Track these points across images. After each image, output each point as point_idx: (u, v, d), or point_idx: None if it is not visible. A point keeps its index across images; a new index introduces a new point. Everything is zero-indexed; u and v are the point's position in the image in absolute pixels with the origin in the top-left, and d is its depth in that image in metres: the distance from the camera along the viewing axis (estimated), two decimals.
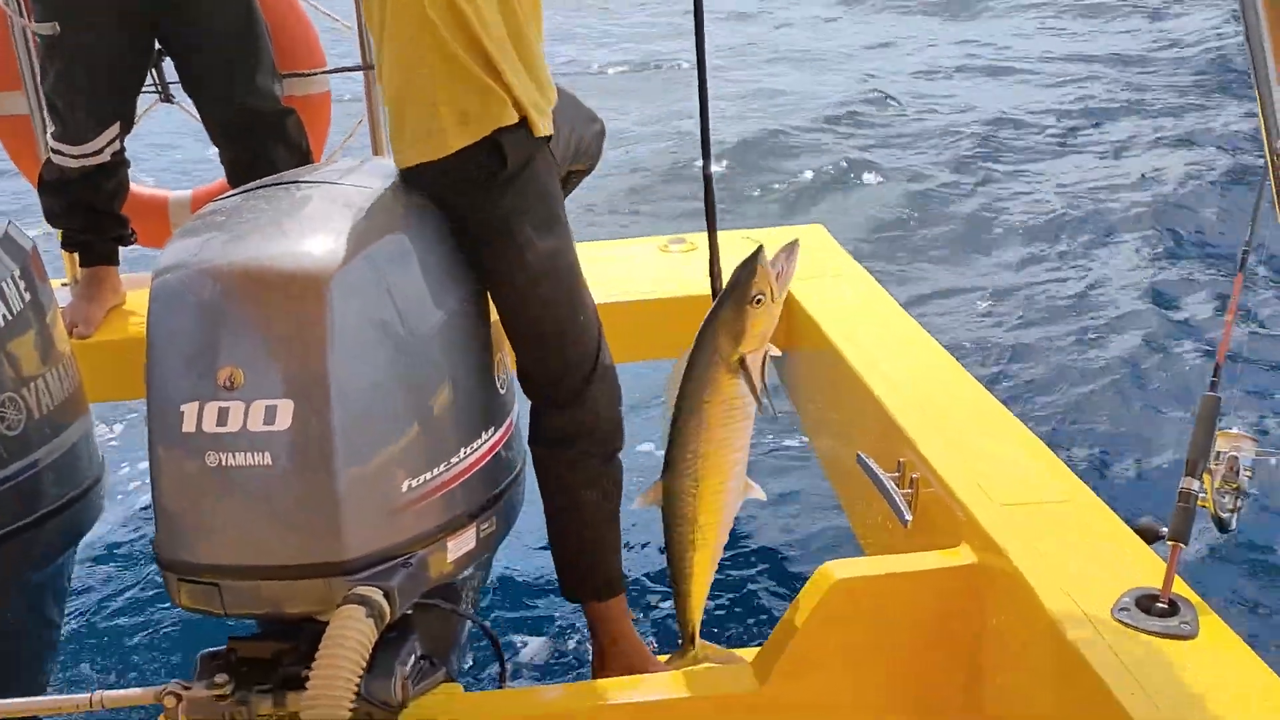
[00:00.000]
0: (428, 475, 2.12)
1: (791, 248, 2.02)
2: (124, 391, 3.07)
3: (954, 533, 2.22)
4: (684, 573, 2.13)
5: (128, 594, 3.20)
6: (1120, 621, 1.85)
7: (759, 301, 1.94)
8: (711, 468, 2.05)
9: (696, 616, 2.18)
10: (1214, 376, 1.91)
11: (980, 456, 2.36)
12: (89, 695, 2.00)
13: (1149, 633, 1.82)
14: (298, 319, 2.00)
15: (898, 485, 2.46)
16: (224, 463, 2.00)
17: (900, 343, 2.99)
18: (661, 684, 2.17)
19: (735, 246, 3.78)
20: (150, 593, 3.19)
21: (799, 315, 3.28)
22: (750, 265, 1.96)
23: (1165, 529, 1.94)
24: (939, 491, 2.32)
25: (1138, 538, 2.06)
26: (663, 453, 2.10)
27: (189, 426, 2.01)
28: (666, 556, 2.16)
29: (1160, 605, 1.86)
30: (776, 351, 2.04)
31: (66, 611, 2.76)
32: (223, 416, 2.00)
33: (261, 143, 3.11)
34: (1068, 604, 1.91)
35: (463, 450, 2.20)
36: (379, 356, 2.05)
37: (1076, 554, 2.05)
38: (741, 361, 1.97)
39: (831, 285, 3.40)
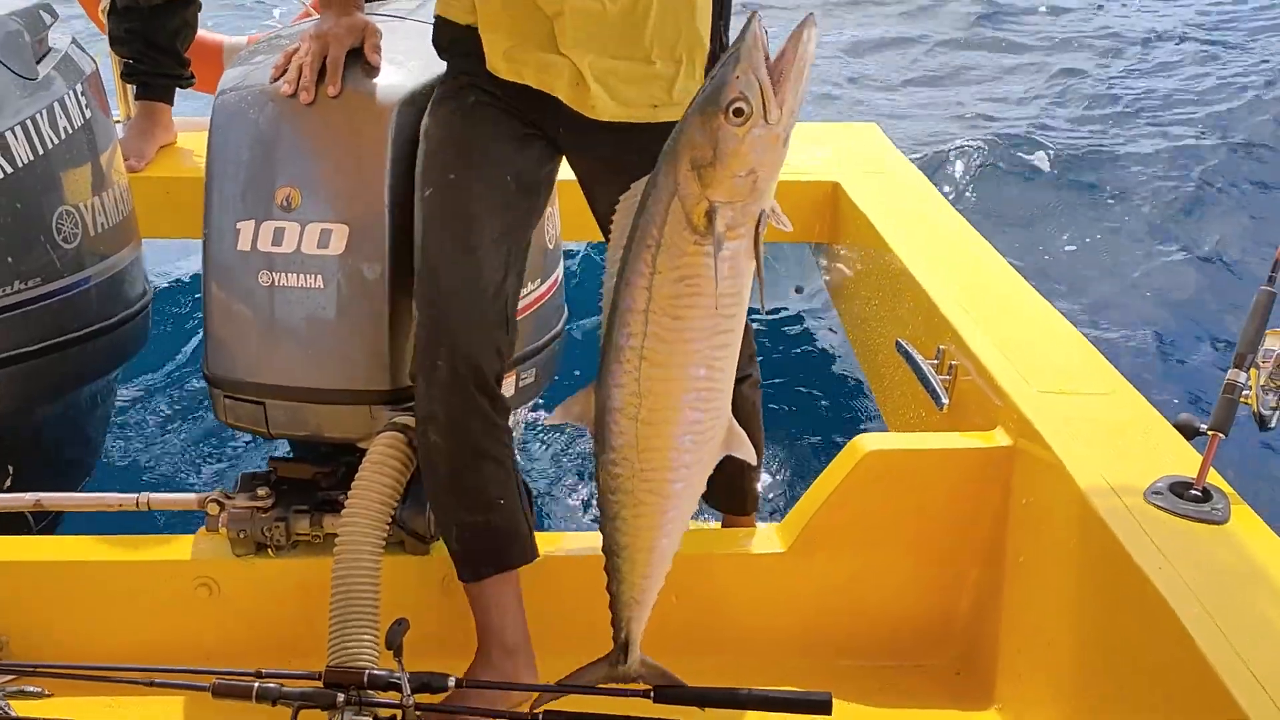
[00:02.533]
0: None
1: (802, 30, 1.28)
2: (171, 229, 3.10)
3: (990, 418, 2.23)
4: (613, 551, 1.53)
5: (173, 412, 3.28)
6: (1153, 504, 1.86)
7: (738, 114, 1.28)
8: (656, 383, 1.38)
9: (628, 615, 1.60)
10: (1273, 272, 1.89)
11: (1021, 346, 2.36)
12: (136, 496, 2.06)
13: (1181, 516, 1.83)
14: (359, 144, 2.00)
15: (936, 372, 2.46)
16: (276, 283, 2.03)
17: (949, 238, 2.98)
18: (690, 541, 2.20)
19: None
20: (195, 412, 3.26)
21: (846, 208, 3.27)
22: (732, 54, 1.30)
23: (1204, 425, 1.94)
24: (977, 380, 2.33)
25: (1176, 432, 2.06)
26: None
27: (244, 244, 2.03)
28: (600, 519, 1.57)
29: (1194, 492, 1.87)
30: (786, 224, 1.36)
31: (114, 425, 2.83)
32: (278, 236, 2.02)
33: None
34: (1101, 486, 1.92)
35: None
36: None
37: (1113, 443, 2.06)
38: (709, 215, 1.31)
39: (883, 181, 3.37)
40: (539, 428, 3.30)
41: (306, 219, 2.01)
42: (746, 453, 1.50)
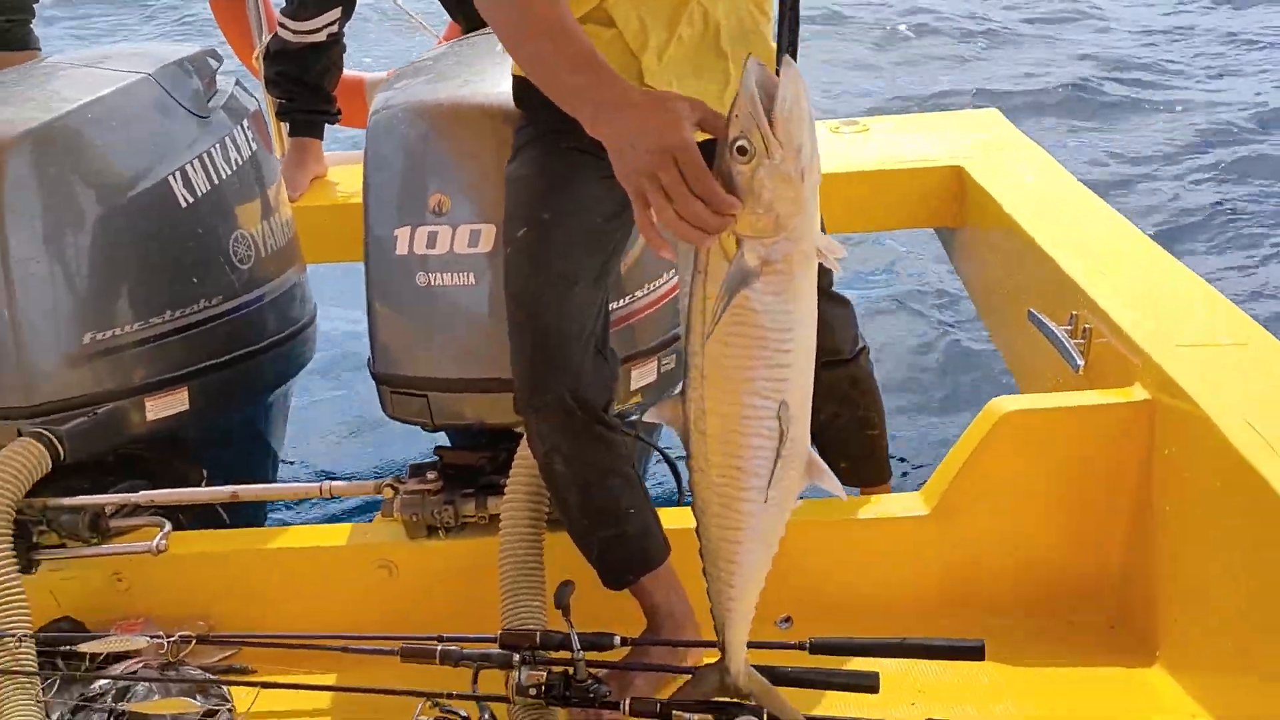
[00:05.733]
0: (616, 305, 2.26)
1: (782, 74, 1.32)
2: (327, 254, 3.32)
3: (1127, 376, 2.25)
4: (701, 553, 1.56)
5: (343, 414, 3.50)
6: None
7: (741, 152, 1.32)
8: (717, 404, 1.42)
9: (720, 620, 1.61)
10: None
11: (1154, 304, 2.37)
12: (319, 485, 2.24)
13: None
14: (499, 149, 2.15)
15: (1069, 337, 2.49)
16: (433, 283, 2.19)
17: (1074, 208, 2.99)
18: (834, 507, 2.28)
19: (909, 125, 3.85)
20: (363, 413, 3.47)
21: (971, 190, 3.30)
22: (735, 96, 1.34)
23: None
24: (1111, 340, 2.35)
25: None
26: None
27: (402, 249, 2.21)
28: None
29: None
30: (839, 252, 1.38)
31: (291, 428, 3.06)
32: (432, 239, 2.19)
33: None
34: (1247, 434, 1.92)
35: (647, 286, 2.34)
36: None
37: (1257, 392, 2.05)
38: (739, 245, 1.35)
39: (1006, 161, 3.39)
40: None
41: (457, 221, 2.17)
42: (831, 485, 1.50)
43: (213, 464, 2.52)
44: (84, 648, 2.01)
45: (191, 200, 2.45)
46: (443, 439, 2.45)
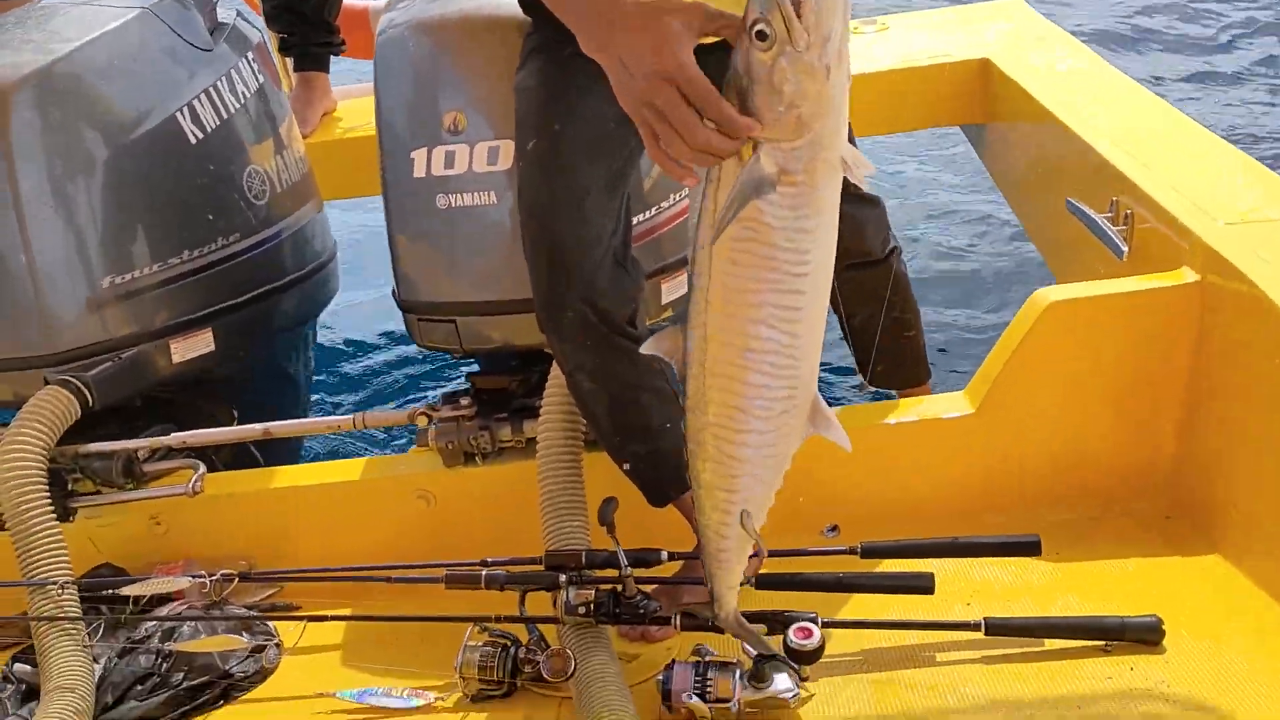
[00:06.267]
0: (641, 217, 2.20)
1: None
2: (344, 190, 3.26)
3: (1174, 259, 2.17)
4: (693, 501, 1.46)
5: (369, 349, 3.47)
6: None
7: (761, 37, 1.17)
8: (720, 332, 1.29)
9: (710, 570, 1.54)
10: None
11: (1198, 183, 2.28)
12: (352, 417, 2.21)
13: None
14: (512, 61, 2.07)
15: (1111, 224, 2.41)
16: (453, 204, 2.13)
17: (1110, 93, 2.89)
18: (877, 411, 2.23)
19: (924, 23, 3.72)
20: (389, 347, 3.43)
21: (999, 82, 3.19)
22: None
23: None
24: (1156, 224, 2.26)
25: None
26: None
27: (419, 172, 2.14)
28: None
29: None
30: (868, 168, 1.24)
31: (319, 367, 3.02)
32: (449, 159, 2.12)
33: None
34: None
35: (672, 197, 2.27)
36: None
37: None
38: (755, 149, 1.21)
39: (1034, 50, 3.28)
40: None
41: (474, 139, 2.10)
42: (838, 436, 1.36)
43: (241, 406, 2.49)
44: (127, 590, 1.99)
45: (201, 136, 2.39)
46: (472, 368, 2.41)
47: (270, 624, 2.03)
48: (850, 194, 1.32)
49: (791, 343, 1.29)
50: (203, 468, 2.22)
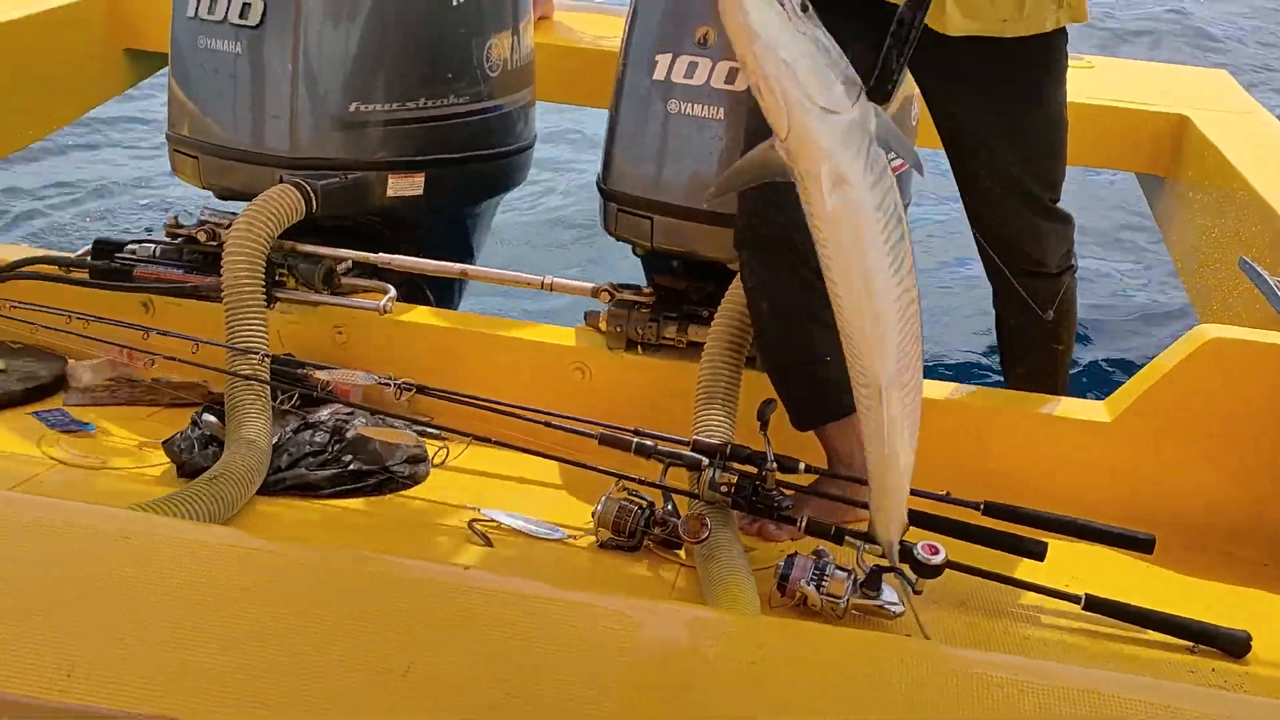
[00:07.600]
0: None
1: None
2: (551, 94, 3.44)
3: None
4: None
5: (562, 221, 3.62)
6: None
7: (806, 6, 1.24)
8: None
9: (876, 518, 1.72)
10: None
11: None
12: (541, 278, 2.38)
13: None
14: None
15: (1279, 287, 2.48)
16: (683, 111, 2.29)
17: None
18: (1020, 399, 2.34)
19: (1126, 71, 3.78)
20: (578, 224, 3.58)
21: (1194, 139, 3.27)
22: None
23: None
24: None
25: None
26: None
27: (659, 74, 2.31)
28: None
29: None
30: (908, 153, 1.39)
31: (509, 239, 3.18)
32: (690, 70, 2.28)
33: None
34: None
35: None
36: None
37: None
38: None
39: (1232, 118, 3.35)
40: None
41: (719, 56, 2.26)
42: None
43: (427, 255, 2.68)
44: (316, 375, 2.19)
45: (462, 1, 2.59)
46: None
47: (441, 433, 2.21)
48: (1044, 205, 1.43)
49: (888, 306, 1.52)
50: (393, 291, 2.42)
